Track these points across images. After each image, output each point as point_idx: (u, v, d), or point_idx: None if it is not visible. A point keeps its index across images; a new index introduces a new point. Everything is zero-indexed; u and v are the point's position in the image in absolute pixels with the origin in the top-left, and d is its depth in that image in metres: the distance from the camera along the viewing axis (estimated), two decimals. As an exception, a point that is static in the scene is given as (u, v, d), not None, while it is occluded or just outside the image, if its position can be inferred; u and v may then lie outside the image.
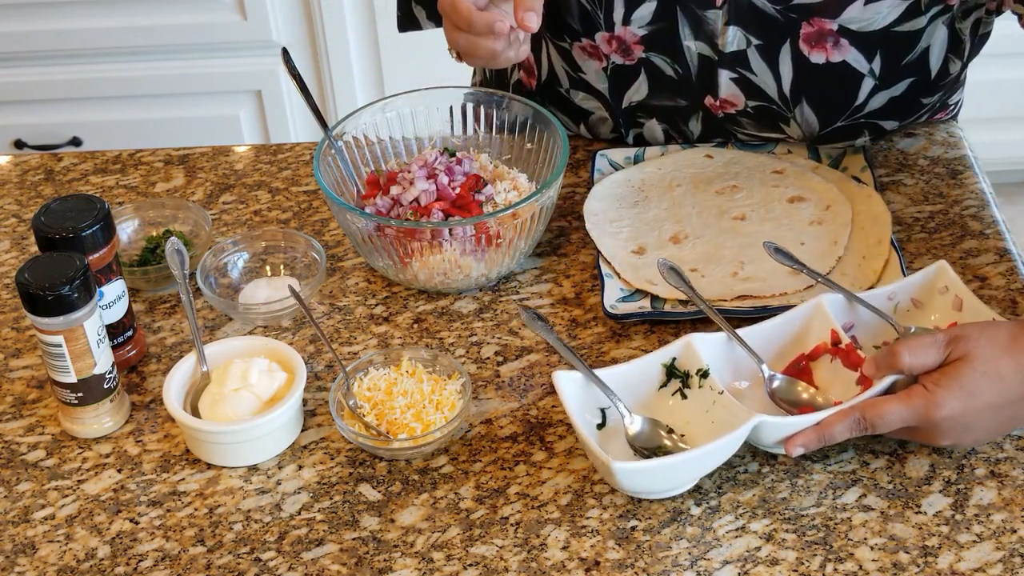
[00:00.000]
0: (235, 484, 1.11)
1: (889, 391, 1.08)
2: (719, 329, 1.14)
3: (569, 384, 1.09)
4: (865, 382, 1.09)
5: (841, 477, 1.08)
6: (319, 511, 1.08)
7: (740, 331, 1.13)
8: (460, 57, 1.28)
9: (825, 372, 1.13)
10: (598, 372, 1.11)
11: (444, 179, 1.30)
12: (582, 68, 1.40)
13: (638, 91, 1.39)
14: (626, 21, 1.31)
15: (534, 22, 1.18)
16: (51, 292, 1.08)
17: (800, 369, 1.14)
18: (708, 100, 1.37)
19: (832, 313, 1.14)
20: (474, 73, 1.66)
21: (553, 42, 1.42)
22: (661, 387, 1.13)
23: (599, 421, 1.12)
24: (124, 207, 1.37)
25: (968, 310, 1.15)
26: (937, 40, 1.31)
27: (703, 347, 1.12)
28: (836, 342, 1.12)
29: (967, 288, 1.15)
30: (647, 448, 1.09)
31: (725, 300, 1.23)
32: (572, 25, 1.35)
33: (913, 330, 1.14)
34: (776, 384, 1.12)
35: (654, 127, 1.43)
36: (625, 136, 1.46)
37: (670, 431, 1.11)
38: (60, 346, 1.10)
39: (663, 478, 1.05)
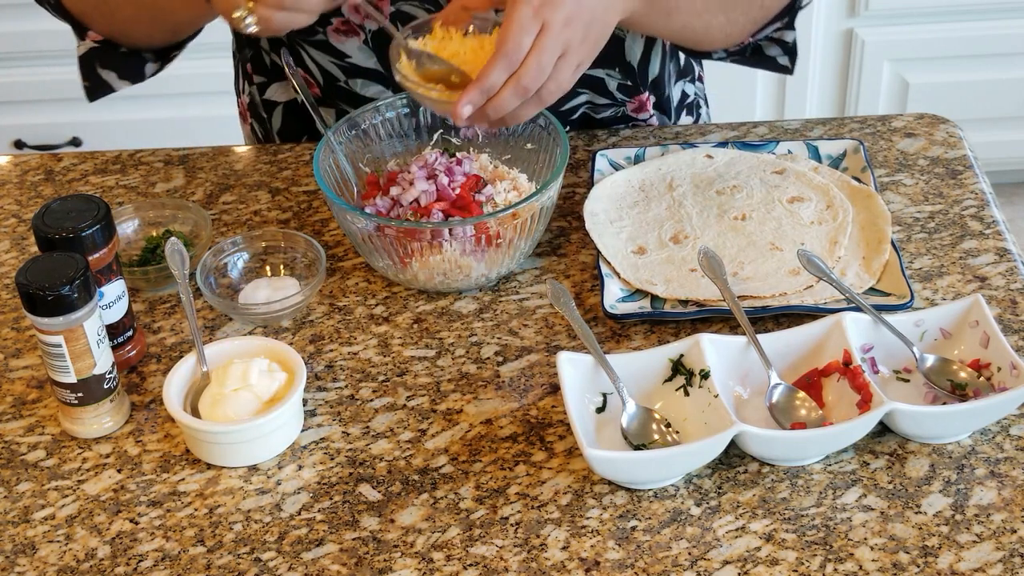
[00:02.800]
0: (235, 484, 1.11)
1: (886, 420, 1.09)
2: (730, 331, 1.14)
3: (572, 366, 1.11)
4: (864, 407, 1.09)
5: (841, 477, 1.08)
6: (319, 511, 1.08)
7: (758, 336, 1.14)
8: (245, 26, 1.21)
9: (833, 390, 1.13)
10: (607, 357, 1.13)
11: (444, 179, 1.30)
12: (346, 52, 1.38)
13: None
14: None
15: None
16: (51, 292, 1.08)
17: (811, 384, 1.14)
18: None
19: (852, 332, 1.13)
20: (244, 140, 1.62)
21: (307, 41, 1.39)
22: (666, 381, 1.14)
23: (599, 405, 1.13)
24: (124, 207, 1.37)
25: (992, 348, 1.13)
26: None
27: (710, 348, 1.12)
28: (847, 362, 1.12)
29: (996, 325, 1.14)
30: (637, 439, 1.10)
31: (724, 300, 1.23)
32: None
33: (933, 360, 1.14)
34: (776, 398, 1.12)
35: None
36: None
37: (668, 425, 1.11)
38: (60, 346, 1.10)
39: (632, 472, 1.07)
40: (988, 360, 1.13)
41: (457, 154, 1.36)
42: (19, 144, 2.81)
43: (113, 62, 1.43)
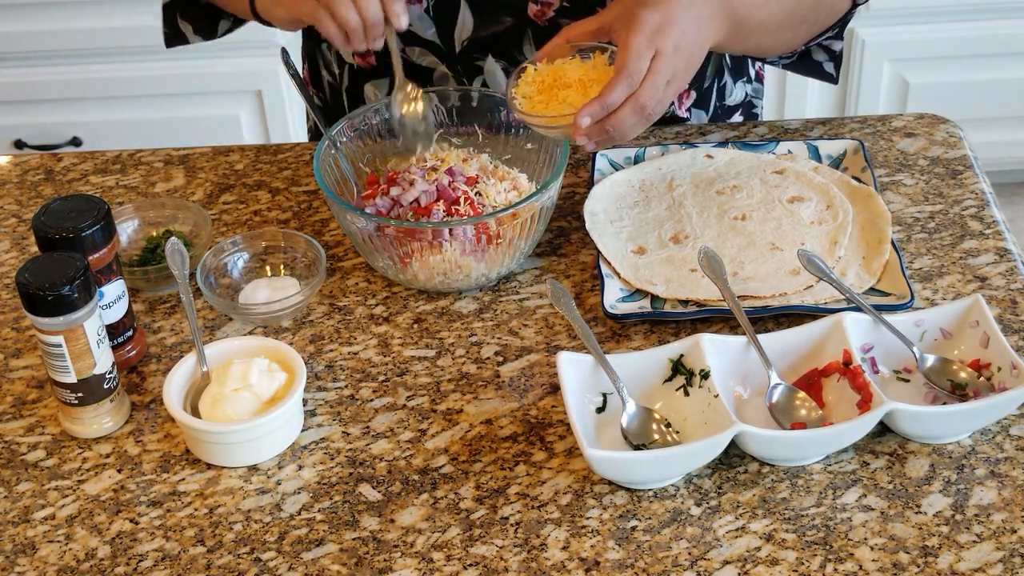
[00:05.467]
0: (235, 484, 1.11)
1: (887, 420, 1.08)
2: (730, 331, 1.14)
3: (572, 366, 1.11)
4: (864, 407, 1.09)
5: (841, 477, 1.08)
6: (319, 511, 1.08)
7: (758, 336, 1.14)
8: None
9: (833, 390, 1.13)
10: (607, 358, 1.13)
11: (444, 179, 1.30)
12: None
13: (464, 25, 1.39)
14: None
15: (404, 20, 1.24)
16: (51, 292, 1.08)
17: (811, 384, 1.14)
18: (531, 10, 1.37)
19: (852, 332, 1.13)
20: (307, 117, 1.69)
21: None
22: (666, 381, 1.14)
23: (599, 405, 1.13)
24: (124, 207, 1.37)
25: (992, 348, 1.13)
26: None
27: (710, 348, 1.12)
28: (848, 362, 1.12)
29: (996, 326, 1.14)
30: (637, 439, 1.10)
31: (724, 300, 1.23)
32: None
33: (933, 360, 1.14)
34: (776, 398, 1.12)
35: (493, 68, 1.43)
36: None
37: (668, 425, 1.11)
38: (60, 346, 1.10)
39: (632, 472, 1.07)
40: (988, 360, 1.13)
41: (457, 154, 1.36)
42: (19, 144, 2.81)
43: (191, 15, 1.49)
